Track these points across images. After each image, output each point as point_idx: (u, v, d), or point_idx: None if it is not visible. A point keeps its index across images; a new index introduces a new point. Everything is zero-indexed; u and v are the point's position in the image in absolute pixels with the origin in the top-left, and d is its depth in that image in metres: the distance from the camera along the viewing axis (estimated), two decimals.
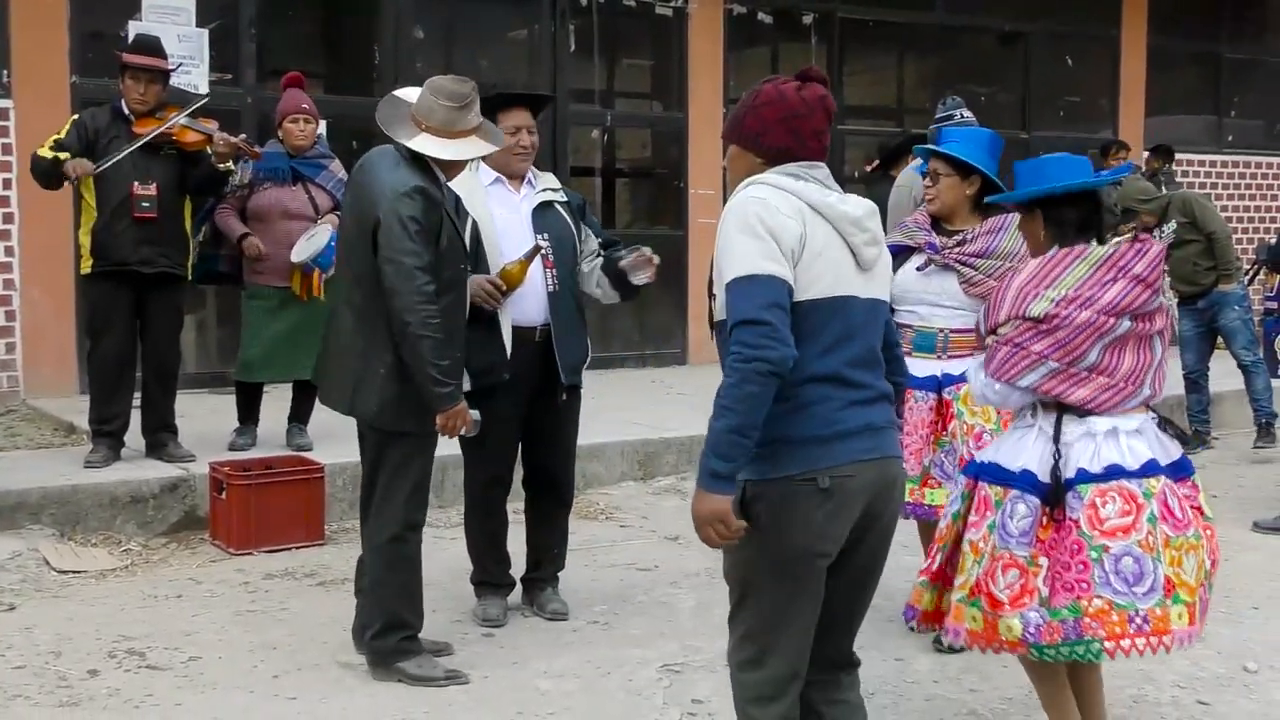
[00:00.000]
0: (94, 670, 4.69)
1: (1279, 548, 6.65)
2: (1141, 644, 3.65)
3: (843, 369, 3.13)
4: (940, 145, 4.97)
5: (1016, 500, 3.75)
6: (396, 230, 4.35)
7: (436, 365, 4.36)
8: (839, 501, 3.10)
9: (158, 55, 6.65)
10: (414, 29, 9.96)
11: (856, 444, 3.12)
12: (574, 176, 10.42)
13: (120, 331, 6.63)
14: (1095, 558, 3.65)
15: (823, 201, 3.15)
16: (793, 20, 11.63)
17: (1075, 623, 3.64)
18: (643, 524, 6.82)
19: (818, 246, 3.11)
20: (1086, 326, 3.74)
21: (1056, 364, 3.77)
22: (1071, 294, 3.77)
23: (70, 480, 6.33)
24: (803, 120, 3.22)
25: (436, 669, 4.61)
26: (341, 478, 6.64)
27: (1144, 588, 3.64)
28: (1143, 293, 3.78)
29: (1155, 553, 3.65)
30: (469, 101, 4.52)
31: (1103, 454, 3.74)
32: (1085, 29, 13.29)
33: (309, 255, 6.75)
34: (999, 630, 3.71)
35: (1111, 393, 3.77)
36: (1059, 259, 3.85)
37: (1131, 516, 3.67)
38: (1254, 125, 14.46)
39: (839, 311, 3.13)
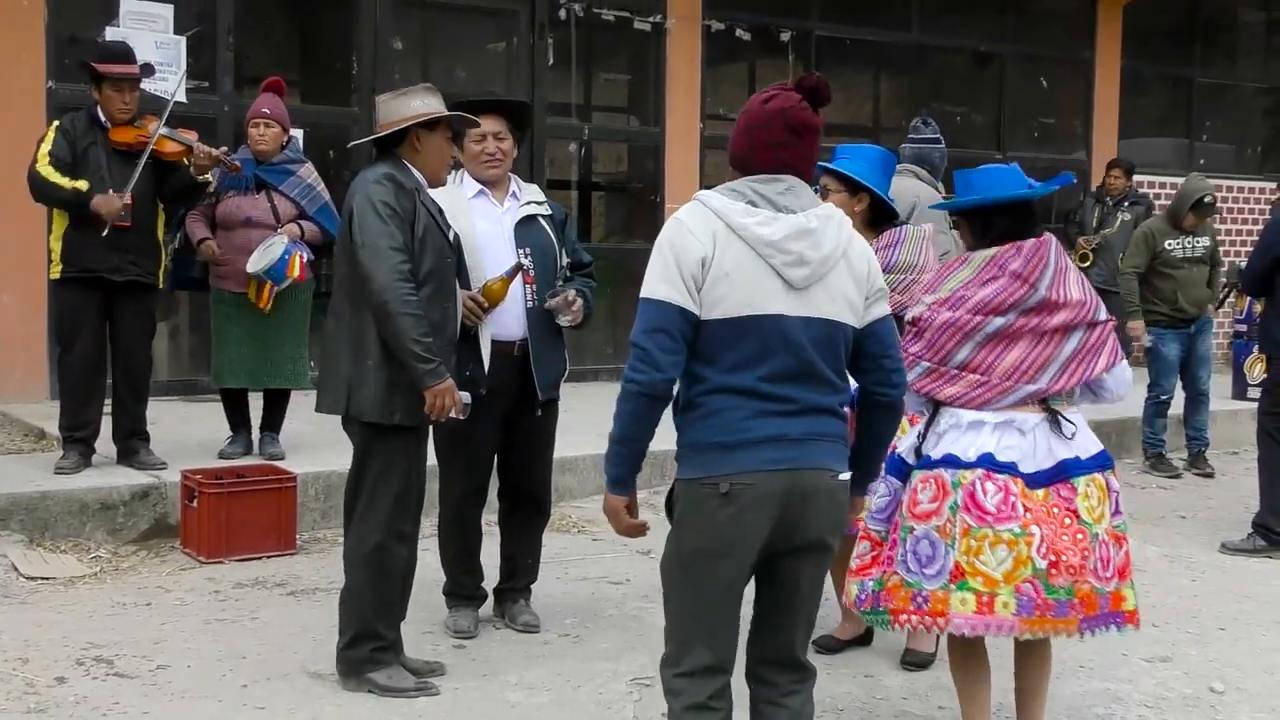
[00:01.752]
0: (61, 677, 4.66)
1: (1247, 569, 6.70)
2: (917, 620, 3.94)
3: (756, 383, 3.23)
4: (833, 162, 4.98)
5: (881, 481, 4.03)
6: (368, 214, 4.38)
7: (418, 341, 4.34)
8: (739, 506, 3.22)
9: (131, 61, 6.62)
10: (392, 40, 9.96)
11: (761, 453, 3.23)
12: (550, 189, 10.41)
13: (90, 338, 6.60)
14: (903, 537, 3.98)
15: (740, 223, 3.22)
16: (770, 37, 11.68)
17: (878, 594, 4.01)
18: (615, 537, 6.77)
19: (726, 268, 3.20)
20: (948, 326, 3.98)
21: (928, 363, 4.03)
22: (945, 296, 4.01)
23: (40, 486, 6.29)
24: (758, 131, 3.29)
25: (406, 680, 4.59)
26: (314, 487, 6.63)
27: (933, 570, 3.92)
28: (1019, 288, 3.96)
29: (950, 539, 3.90)
30: (405, 92, 4.59)
31: (954, 443, 3.97)
32: (1059, 51, 13.39)
33: (262, 266, 6.74)
34: (851, 593, 4.13)
35: (984, 389, 3.98)
36: (949, 265, 4.11)
37: (937, 503, 3.94)
38: (1224, 149, 14.59)
39: (752, 329, 3.22)
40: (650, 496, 7.45)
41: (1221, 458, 9.48)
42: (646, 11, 10.92)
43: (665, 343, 3.21)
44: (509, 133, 5.18)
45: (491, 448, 5.18)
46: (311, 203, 7.09)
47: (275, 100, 7.11)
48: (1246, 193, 14.25)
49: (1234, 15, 14.94)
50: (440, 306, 4.53)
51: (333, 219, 7.05)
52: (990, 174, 4.17)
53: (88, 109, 6.68)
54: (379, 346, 4.43)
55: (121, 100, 6.52)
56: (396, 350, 4.37)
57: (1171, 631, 5.55)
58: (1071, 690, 4.86)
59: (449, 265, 4.61)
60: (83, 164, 6.46)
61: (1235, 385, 10.88)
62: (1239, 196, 14.10)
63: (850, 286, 3.33)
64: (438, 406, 4.44)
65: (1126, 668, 5.09)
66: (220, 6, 9.18)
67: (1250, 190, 14.26)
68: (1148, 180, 13.38)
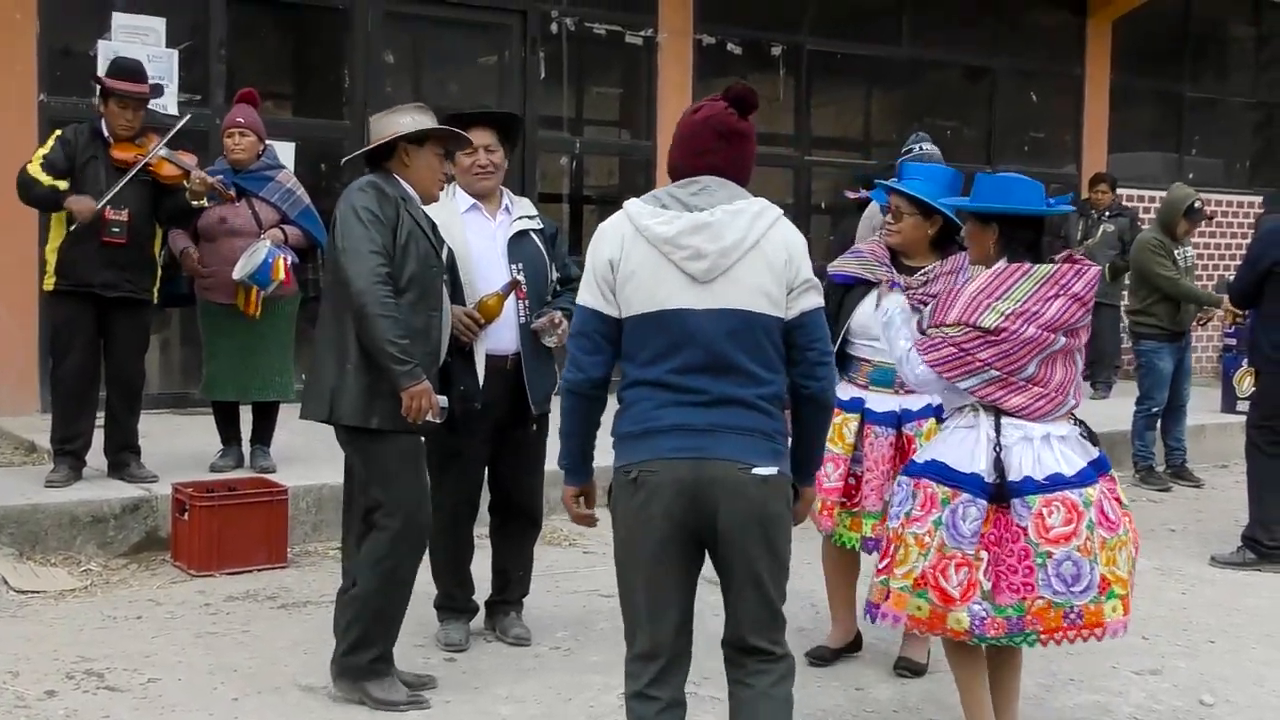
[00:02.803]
0: (51, 691, 4.66)
1: (1236, 581, 6.71)
2: (1074, 634, 4.04)
3: (666, 375, 3.40)
4: (903, 182, 5.00)
5: (968, 504, 4.03)
6: (350, 219, 4.41)
7: (393, 343, 4.35)
8: (647, 493, 3.39)
9: (142, 80, 6.62)
10: (384, 53, 9.97)
11: (664, 442, 3.38)
12: (542, 203, 10.37)
13: (82, 351, 6.59)
14: (1040, 563, 3.99)
15: (643, 224, 3.43)
16: (761, 51, 11.71)
17: (1019, 619, 4.00)
18: (606, 551, 6.72)
19: (631, 267, 3.41)
20: (1030, 341, 4.03)
21: (997, 372, 4.06)
22: (1019, 309, 4.03)
23: (30, 499, 6.28)
24: (689, 140, 3.52)
25: (400, 693, 4.58)
26: (305, 500, 6.63)
27: (1080, 586, 4.00)
28: (1078, 310, 4.06)
29: (1092, 555, 4.00)
30: (396, 109, 4.62)
31: (1044, 461, 4.04)
32: (1050, 66, 13.43)
33: (247, 272, 6.75)
34: (947, 622, 4.03)
35: (1044, 401, 4.08)
36: (1008, 273, 4.10)
37: (1073, 525, 4.00)
38: (1214, 164, 14.65)
39: (660, 324, 3.39)
40: None
41: (1211, 471, 9.51)
42: (638, 26, 10.95)
43: (585, 344, 3.48)
44: (499, 145, 5.19)
45: (482, 461, 5.19)
46: (292, 207, 7.10)
47: (249, 110, 7.13)
48: (1235, 207, 14.30)
49: (1223, 30, 15.00)
50: (424, 314, 4.54)
51: (315, 222, 7.07)
52: (1017, 184, 4.21)
53: (91, 122, 6.69)
54: (358, 351, 4.45)
55: (125, 117, 6.52)
56: (373, 352, 4.39)
57: (1161, 644, 5.57)
58: (1061, 703, 4.87)
59: (434, 273, 4.61)
60: (82, 177, 6.46)
61: (1224, 398, 10.90)
62: (1228, 211, 14.15)
63: (765, 277, 3.41)
64: (414, 409, 4.43)
65: (1116, 680, 5.10)
66: (213, 20, 9.19)
67: (1239, 204, 14.32)
68: (1137, 194, 13.42)
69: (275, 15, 9.93)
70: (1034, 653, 4.52)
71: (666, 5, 10.99)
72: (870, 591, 4.26)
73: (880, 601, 4.18)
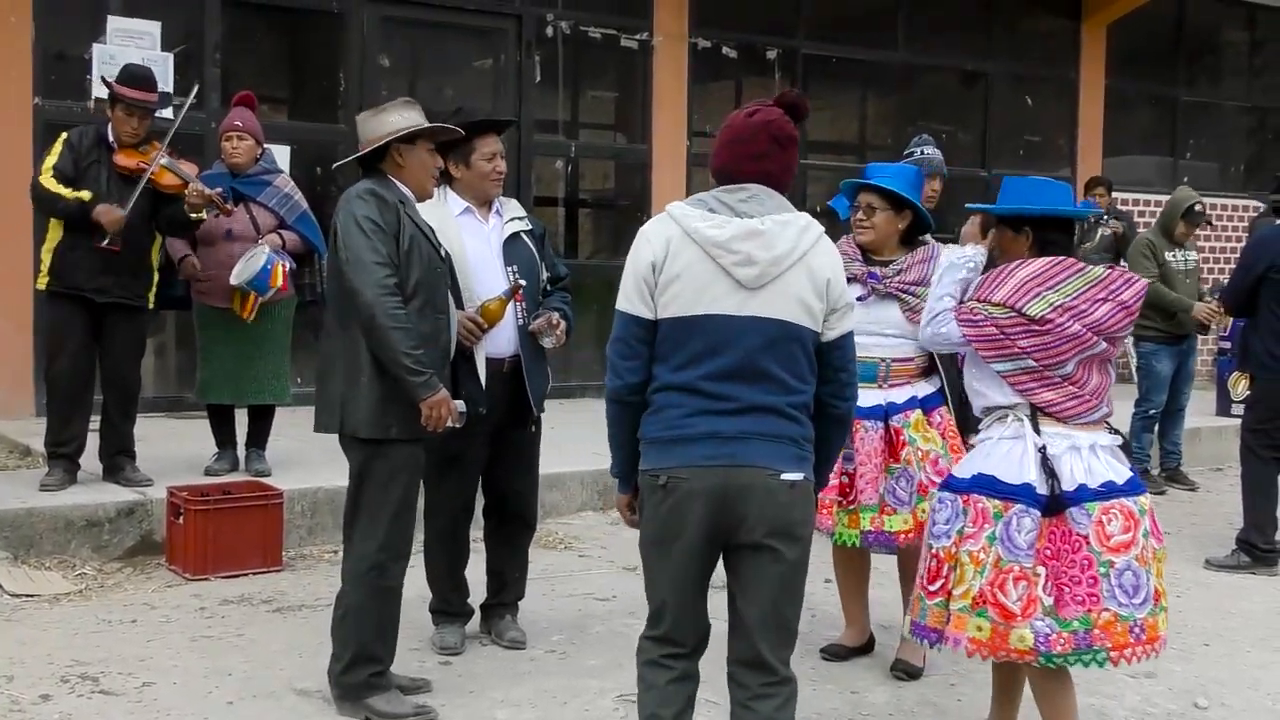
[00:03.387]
0: (46, 695, 4.65)
1: (1230, 585, 6.72)
2: (1140, 651, 3.94)
3: (698, 381, 3.40)
4: (873, 178, 5.06)
5: (1022, 515, 3.93)
6: (352, 230, 4.37)
7: (408, 354, 4.32)
8: (676, 499, 3.40)
9: (152, 89, 6.61)
10: (379, 57, 9.98)
11: (696, 449, 3.39)
12: (537, 206, 10.45)
13: (76, 352, 6.58)
14: (1104, 573, 3.90)
15: (694, 227, 3.40)
16: (757, 55, 11.72)
17: (1085, 634, 3.89)
18: (602, 554, 6.82)
19: (676, 270, 3.39)
20: (1074, 338, 3.97)
21: (1035, 363, 3.98)
22: (1067, 302, 3.96)
23: (25, 503, 6.28)
24: (744, 144, 3.47)
25: (405, 705, 4.53)
26: (300, 504, 6.62)
27: (1139, 599, 3.93)
28: (1124, 319, 4.01)
29: (1148, 566, 3.94)
30: (384, 107, 4.57)
31: (1095, 470, 3.97)
32: (1045, 70, 13.46)
33: (246, 278, 6.74)
34: (1009, 640, 3.91)
35: (1077, 402, 4.01)
36: (1062, 265, 4.04)
37: (1131, 533, 3.94)
38: (1208, 167, 14.67)
39: (699, 328, 3.39)
40: None
41: (1206, 474, 9.53)
42: (633, 29, 10.96)
43: (623, 350, 3.47)
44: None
45: (480, 465, 5.19)
46: (290, 211, 7.09)
47: (248, 114, 7.12)
48: (1230, 210, 14.33)
49: (1218, 35, 15.04)
50: (431, 318, 4.51)
51: (313, 227, 7.06)
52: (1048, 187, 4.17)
53: (97, 126, 6.67)
54: (370, 362, 4.41)
55: (131, 125, 6.51)
56: (388, 364, 4.36)
57: None
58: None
59: (439, 276, 4.59)
60: (83, 181, 6.45)
61: (1219, 402, 10.92)
62: (1223, 214, 14.17)
63: (808, 291, 3.43)
64: (434, 418, 4.42)
65: (1111, 683, 5.10)
66: (207, 23, 9.20)
67: (1234, 208, 14.34)
68: (1132, 198, 13.45)
69: (270, 19, 9.94)
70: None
71: (662, 9, 11.00)
72: (923, 615, 4.09)
73: (940, 626, 4.03)
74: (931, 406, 5.03)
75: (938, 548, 4.07)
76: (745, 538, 3.41)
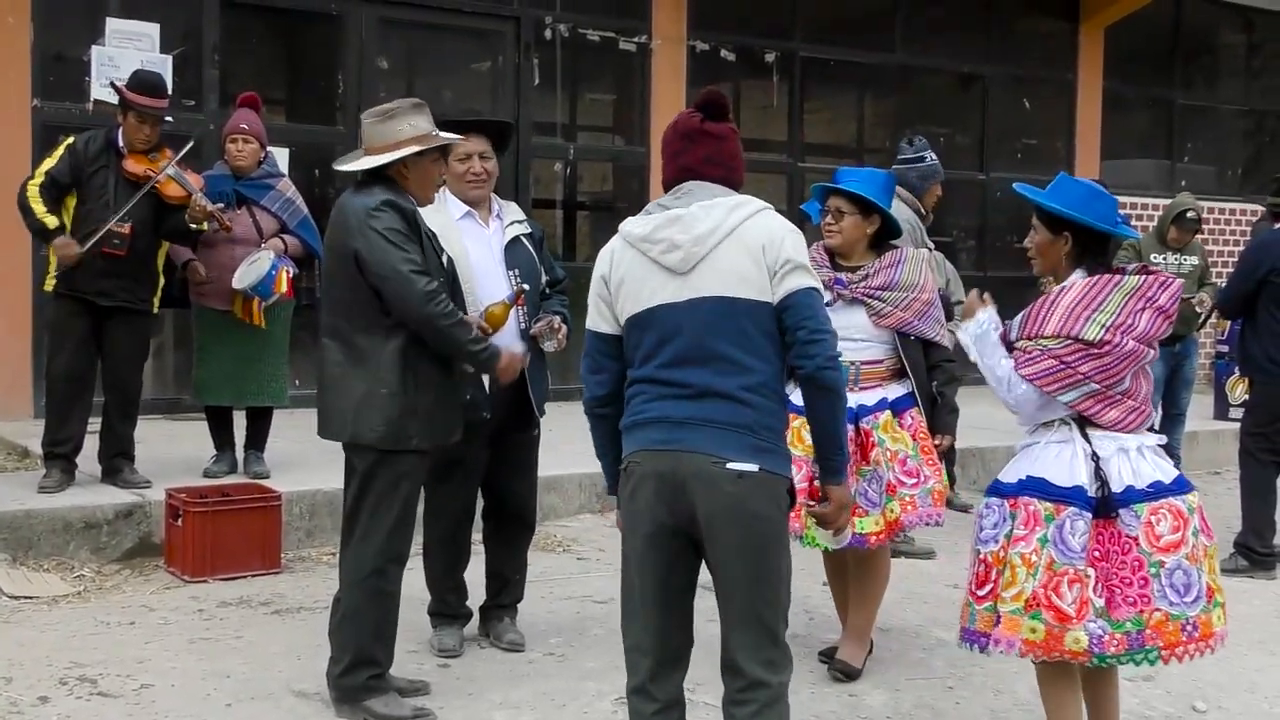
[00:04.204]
0: (45, 697, 4.65)
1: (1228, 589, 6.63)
2: (1194, 649, 3.97)
3: (655, 371, 3.48)
4: (841, 182, 5.06)
5: (1075, 517, 3.95)
6: (380, 245, 4.35)
7: (470, 339, 4.51)
8: (634, 484, 3.48)
9: (163, 95, 6.62)
10: (378, 59, 9.98)
11: (647, 433, 3.46)
12: (535, 208, 10.44)
13: (75, 353, 6.59)
14: (1154, 573, 3.92)
15: (624, 230, 3.57)
16: (755, 58, 11.73)
17: (1138, 634, 3.93)
18: (600, 556, 6.82)
19: (620, 274, 3.54)
20: (1131, 354, 3.97)
21: (1098, 385, 3.98)
22: (1116, 320, 3.96)
23: (23, 505, 6.27)
24: (665, 148, 3.64)
25: (404, 708, 4.53)
26: (299, 506, 6.62)
27: (1191, 597, 3.95)
28: (1164, 323, 4.03)
29: (1199, 564, 3.96)
30: (391, 113, 4.51)
31: (1142, 471, 4.00)
32: (1042, 73, 13.47)
33: (250, 283, 6.74)
34: (1064, 642, 3.93)
35: (1135, 415, 4.05)
36: (1100, 285, 4.02)
37: (1180, 532, 3.96)
38: (1206, 170, 14.68)
39: (649, 323, 3.48)
40: None
41: (1204, 478, 9.50)
42: (632, 32, 10.97)
43: (589, 364, 3.64)
44: (492, 152, 5.19)
45: (481, 469, 5.19)
46: (292, 216, 7.10)
47: (252, 116, 7.12)
48: (1228, 214, 14.33)
49: (1215, 38, 15.05)
50: None
51: (313, 232, 7.06)
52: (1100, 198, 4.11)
53: (107, 130, 6.67)
54: (395, 374, 4.41)
55: (144, 132, 6.53)
56: (457, 357, 4.53)
57: None
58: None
59: (444, 285, 4.60)
60: (89, 187, 6.46)
61: (1217, 405, 10.93)
62: (1220, 218, 14.18)
63: (745, 261, 3.43)
64: (509, 373, 4.69)
65: None
66: (206, 25, 9.19)
67: (1231, 211, 14.34)
68: (1130, 201, 13.46)
69: (269, 21, 9.94)
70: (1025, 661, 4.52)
71: (660, 11, 11.01)
72: (973, 620, 4.07)
73: (989, 629, 4.01)
74: (902, 408, 5.04)
75: (985, 552, 4.06)
76: (700, 531, 3.41)
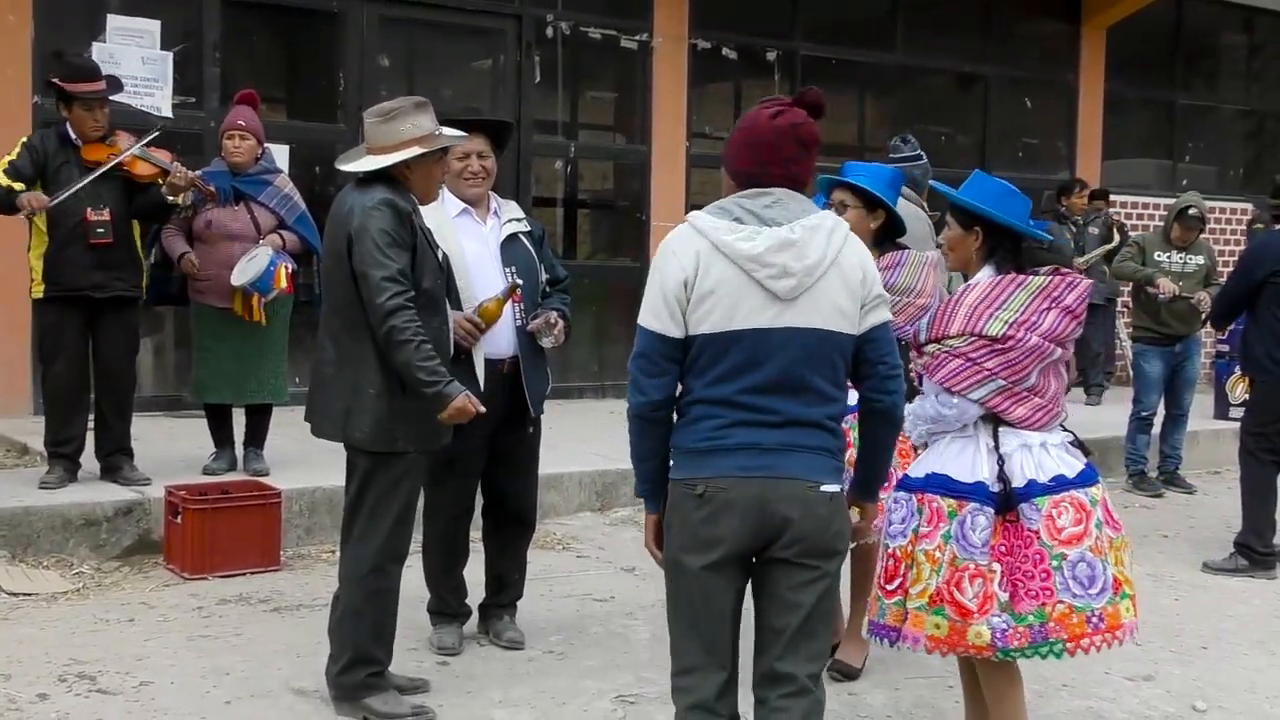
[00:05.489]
0: (43, 694, 4.64)
1: (1229, 588, 6.72)
2: (1099, 640, 3.97)
3: (737, 395, 3.29)
4: (847, 175, 5.00)
5: (976, 513, 3.97)
6: (368, 244, 4.33)
7: (423, 367, 4.30)
8: (713, 509, 3.29)
9: (99, 78, 6.56)
10: (378, 56, 9.97)
11: (734, 460, 3.29)
12: (536, 207, 10.44)
13: (72, 355, 6.58)
14: (1056, 566, 3.93)
15: (723, 240, 3.27)
16: (756, 57, 11.73)
17: (1041, 627, 3.93)
18: (600, 555, 6.82)
19: (709, 286, 3.27)
20: (1035, 350, 3.99)
21: (1004, 381, 4.00)
22: (1020, 317, 3.99)
23: (22, 502, 6.27)
24: (769, 148, 3.35)
25: (403, 706, 4.53)
26: (298, 503, 6.62)
27: (1096, 589, 3.95)
28: (1071, 324, 4.04)
29: (1104, 556, 3.96)
30: (395, 113, 4.48)
31: (1045, 465, 4.01)
32: (1043, 73, 13.47)
33: (248, 279, 6.74)
34: (967, 636, 3.94)
35: (1043, 413, 4.05)
36: (1005, 284, 4.06)
37: (1083, 524, 3.97)
38: (1207, 170, 14.69)
39: (735, 343, 3.28)
40: (635, 514, 7.48)
41: (1204, 477, 9.53)
42: (633, 30, 10.96)
43: (647, 367, 3.35)
44: (491, 151, 5.19)
45: (479, 467, 5.18)
46: (290, 212, 7.09)
47: (250, 113, 7.11)
48: (1229, 214, 14.34)
49: (1216, 38, 15.06)
50: (436, 326, 4.50)
51: (311, 228, 7.05)
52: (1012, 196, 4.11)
53: (57, 127, 6.63)
54: (381, 375, 4.40)
55: (93, 119, 6.48)
56: (404, 376, 4.35)
57: (1154, 650, 5.57)
58: (1054, 709, 4.88)
59: (440, 285, 4.59)
60: (55, 182, 6.42)
61: (1217, 405, 10.92)
62: (1221, 218, 14.18)
63: (842, 294, 3.32)
64: (457, 419, 4.42)
65: (1109, 686, 5.11)
66: (206, 22, 9.19)
67: (1232, 211, 14.35)
68: (1130, 201, 13.47)
69: (269, 18, 9.93)
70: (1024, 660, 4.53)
71: (661, 10, 11.01)
72: (882, 614, 4.10)
73: (899, 624, 4.04)
74: None
75: (894, 547, 4.09)
76: (781, 553, 3.31)
